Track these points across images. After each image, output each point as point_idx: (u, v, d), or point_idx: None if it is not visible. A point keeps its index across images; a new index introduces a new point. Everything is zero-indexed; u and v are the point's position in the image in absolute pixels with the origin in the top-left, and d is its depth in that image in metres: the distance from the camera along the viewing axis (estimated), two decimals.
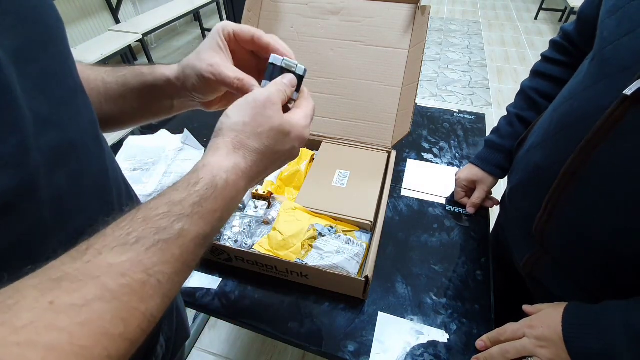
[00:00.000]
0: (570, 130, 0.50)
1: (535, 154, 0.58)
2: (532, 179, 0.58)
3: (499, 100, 2.77)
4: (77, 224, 0.32)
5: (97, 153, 0.35)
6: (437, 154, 0.96)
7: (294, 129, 0.37)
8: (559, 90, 0.61)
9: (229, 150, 0.33)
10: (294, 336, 0.59)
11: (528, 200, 0.59)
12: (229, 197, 0.31)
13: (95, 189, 0.34)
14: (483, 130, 1.05)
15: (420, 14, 0.81)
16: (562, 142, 0.52)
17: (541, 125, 0.60)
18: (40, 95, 0.28)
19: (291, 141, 0.37)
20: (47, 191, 0.28)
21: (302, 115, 0.38)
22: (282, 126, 0.35)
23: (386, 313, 0.62)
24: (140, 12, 3.31)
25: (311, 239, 0.67)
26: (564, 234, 0.52)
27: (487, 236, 0.75)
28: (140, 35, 2.67)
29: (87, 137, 0.33)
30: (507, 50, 3.53)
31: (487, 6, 4.64)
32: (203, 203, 0.29)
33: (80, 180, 0.32)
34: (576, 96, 0.51)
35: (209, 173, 0.31)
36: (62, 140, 0.29)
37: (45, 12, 0.30)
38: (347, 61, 0.87)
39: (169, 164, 0.90)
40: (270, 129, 0.35)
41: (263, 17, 0.91)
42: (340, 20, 0.87)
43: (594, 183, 0.46)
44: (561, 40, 0.68)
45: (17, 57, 0.26)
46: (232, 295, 0.66)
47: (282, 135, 0.36)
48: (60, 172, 0.29)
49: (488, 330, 0.59)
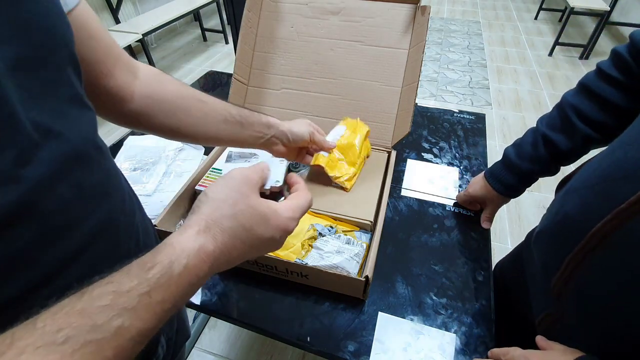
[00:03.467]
0: (614, 185, 0.41)
1: (570, 201, 0.49)
2: (560, 230, 0.50)
3: (499, 100, 2.77)
4: (84, 231, 0.32)
5: (99, 161, 0.35)
6: (437, 154, 0.96)
7: (275, 217, 0.34)
8: (606, 116, 0.54)
9: (200, 229, 0.30)
10: (294, 336, 0.59)
11: (551, 253, 0.52)
12: (185, 283, 0.28)
13: (99, 196, 0.35)
14: (483, 130, 1.05)
15: (420, 14, 0.81)
16: (601, 197, 0.43)
17: (588, 168, 0.51)
18: (40, 105, 0.27)
19: (271, 229, 0.33)
20: (50, 202, 0.28)
21: (289, 206, 0.36)
22: (259, 207, 0.33)
23: (386, 313, 0.62)
24: (140, 12, 3.31)
25: (311, 239, 0.67)
26: (582, 302, 0.45)
27: (487, 236, 0.75)
28: (140, 35, 2.67)
29: (89, 145, 0.33)
30: (507, 50, 3.53)
31: (487, 6, 4.64)
32: (152, 293, 0.25)
33: (84, 189, 0.32)
34: (632, 144, 0.42)
35: (167, 257, 0.27)
36: (64, 150, 0.29)
37: (52, 19, 0.29)
38: (347, 61, 0.87)
39: (169, 164, 0.90)
40: (246, 207, 0.32)
41: (263, 17, 0.91)
42: (340, 20, 0.87)
43: (624, 254, 0.39)
44: (626, 54, 0.52)
45: (17, 67, 0.25)
46: (232, 295, 0.66)
47: (260, 219, 0.33)
48: (64, 183, 0.29)
49: (488, 330, 0.59)
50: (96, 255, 0.33)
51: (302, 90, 0.90)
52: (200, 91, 0.54)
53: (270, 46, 0.91)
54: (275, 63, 0.91)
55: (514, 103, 2.74)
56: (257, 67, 0.92)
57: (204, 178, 0.81)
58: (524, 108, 2.68)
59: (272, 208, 0.34)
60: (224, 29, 3.64)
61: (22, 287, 0.27)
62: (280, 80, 0.91)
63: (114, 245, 0.37)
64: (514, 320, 0.69)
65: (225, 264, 0.32)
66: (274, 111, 0.91)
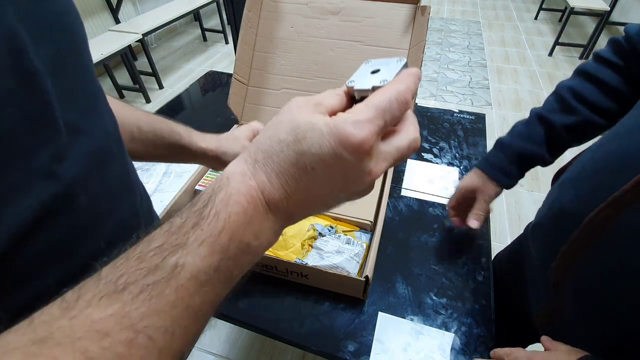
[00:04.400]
0: (608, 175, 0.41)
1: (565, 193, 0.50)
2: (556, 221, 0.50)
3: (499, 100, 2.77)
4: (110, 225, 0.33)
5: (121, 157, 0.36)
6: (437, 154, 0.96)
7: (332, 122, 0.22)
8: (603, 97, 0.53)
9: (246, 158, 0.24)
10: (294, 336, 0.59)
11: (547, 244, 0.52)
12: (236, 214, 0.22)
13: (123, 191, 0.36)
14: (483, 130, 1.05)
15: (420, 14, 0.81)
16: (595, 187, 0.43)
17: (582, 159, 0.51)
18: (70, 103, 0.28)
19: (326, 141, 0.21)
20: (83, 198, 0.29)
21: (363, 106, 0.23)
22: (305, 117, 0.23)
23: (386, 313, 0.62)
24: (140, 12, 3.31)
25: (311, 239, 0.67)
26: (579, 292, 0.46)
27: (487, 236, 0.75)
28: (140, 35, 2.67)
29: (112, 141, 0.34)
30: (507, 50, 3.53)
31: (487, 6, 4.64)
32: (203, 225, 0.22)
33: (110, 184, 0.33)
34: (625, 135, 0.42)
35: (210, 186, 0.24)
36: (92, 147, 0.31)
37: (70, 18, 0.30)
38: (347, 61, 0.86)
39: (169, 164, 0.90)
40: (288, 120, 0.23)
41: (263, 17, 0.91)
42: (340, 20, 0.87)
43: (618, 243, 0.39)
44: (623, 41, 0.54)
45: (53, 66, 0.26)
46: (232, 295, 0.66)
47: (306, 127, 0.22)
48: (93, 178, 0.30)
49: (488, 330, 0.59)
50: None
51: (302, 90, 0.90)
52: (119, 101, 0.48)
53: (270, 46, 0.91)
54: (275, 63, 0.91)
55: (514, 103, 2.74)
56: (257, 67, 0.92)
57: (204, 178, 0.81)
58: (524, 108, 2.68)
59: (325, 116, 0.23)
60: (224, 29, 3.64)
61: (59, 278, 0.28)
62: (280, 80, 0.91)
63: None
64: (513, 314, 0.68)
65: (292, 203, 0.24)
66: (274, 111, 0.91)
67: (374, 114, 0.22)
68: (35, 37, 0.25)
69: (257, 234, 0.23)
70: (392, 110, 0.23)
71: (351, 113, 0.22)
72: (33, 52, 0.24)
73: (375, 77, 0.25)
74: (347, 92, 0.26)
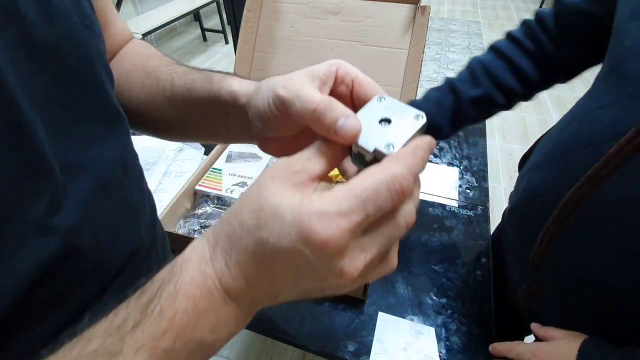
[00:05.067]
0: (577, 154, 0.43)
1: (535, 176, 0.52)
2: (531, 204, 0.52)
3: None
4: (114, 262, 0.31)
5: (126, 184, 0.33)
6: (437, 154, 0.96)
7: (297, 209, 0.18)
8: (509, 76, 0.54)
9: (206, 240, 0.22)
10: (294, 336, 0.59)
11: (525, 227, 0.54)
12: (187, 308, 0.19)
13: (128, 223, 0.33)
14: (483, 130, 1.05)
15: (420, 14, 0.81)
16: (565, 168, 0.45)
17: (545, 144, 0.53)
18: (69, 137, 0.26)
19: (286, 231, 0.18)
20: (84, 243, 0.27)
21: (337, 191, 0.18)
22: (273, 197, 0.19)
23: (386, 313, 0.62)
24: (140, 12, 3.31)
25: None
26: (561, 271, 0.47)
27: (487, 236, 0.75)
28: (140, 35, 2.67)
29: (117, 169, 0.31)
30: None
31: (487, 6, 4.64)
32: (144, 324, 0.19)
33: (114, 220, 0.30)
34: (587, 115, 0.44)
35: (160, 276, 0.21)
36: (93, 181, 0.27)
37: (83, 37, 0.27)
38: (347, 61, 0.86)
39: (169, 164, 0.90)
40: (256, 198, 0.20)
41: (263, 17, 0.91)
42: (340, 20, 0.87)
43: (597, 218, 0.41)
44: (536, 26, 0.54)
45: (49, 98, 0.24)
46: None
47: (270, 212, 0.19)
48: (95, 219, 0.28)
49: (488, 330, 0.59)
50: (126, 282, 0.32)
51: None
52: (160, 54, 0.40)
53: (270, 46, 0.91)
54: (275, 63, 0.91)
55: None
56: (257, 67, 0.92)
57: (204, 178, 0.81)
58: (524, 108, 2.68)
59: (295, 197, 0.19)
60: (224, 29, 3.64)
61: (58, 321, 0.26)
62: None
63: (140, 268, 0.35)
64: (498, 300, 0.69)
65: (255, 291, 0.21)
66: None
67: (351, 206, 0.17)
68: (28, 72, 0.22)
69: (214, 327, 0.20)
70: (379, 202, 0.18)
71: (325, 198, 0.18)
72: (22, 93, 0.21)
73: (382, 132, 0.21)
74: (344, 137, 0.21)
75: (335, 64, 0.26)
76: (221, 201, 0.79)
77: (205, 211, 0.77)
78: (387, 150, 0.20)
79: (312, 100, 0.22)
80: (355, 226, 0.18)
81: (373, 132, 0.21)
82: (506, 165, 2.11)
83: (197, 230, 0.72)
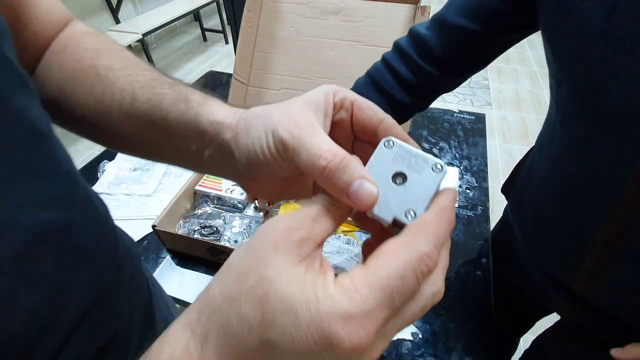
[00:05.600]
0: (591, 190, 0.42)
1: (545, 208, 0.50)
2: (553, 235, 0.50)
3: (499, 100, 2.77)
4: (73, 309, 0.23)
5: (69, 231, 0.24)
6: (437, 154, 0.96)
7: (314, 306, 0.15)
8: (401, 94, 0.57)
9: (187, 322, 0.18)
10: None
11: (555, 259, 0.51)
12: None
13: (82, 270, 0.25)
14: (483, 130, 1.05)
15: (420, 14, 0.81)
16: (582, 200, 0.43)
17: (542, 177, 0.51)
18: None
19: (303, 334, 0.15)
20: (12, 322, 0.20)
21: (360, 278, 0.16)
22: (282, 284, 0.16)
23: None
24: (140, 12, 3.31)
25: None
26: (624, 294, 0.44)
27: (487, 236, 0.75)
28: (140, 35, 2.67)
29: (60, 208, 0.24)
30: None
31: None
32: None
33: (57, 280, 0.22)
34: (576, 158, 0.42)
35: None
36: (21, 243, 0.20)
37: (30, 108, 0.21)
38: (347, 61, 0.86)
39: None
40: (257, 284, 0.16)
41: (263, 17, 0.91)
42: (340, 20, 0.87)
43: None
44: (408, 47, 0.57)
45: None
46: None
47: (280, 308, 0.15)
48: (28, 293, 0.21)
49: (488, 330, 0.59)
50: (96, 320, 0.26)
51: (302, 90, 0.90)
52: (112, 45, 0.32)
53: (270, 46, 0.91)
54: (275, 63, 0.91)
55: (514, 103, 2.74)
56: (257, 67, 0.92)
57: (203, 178, 0.81)
58: (524, 108, 2.68)
59: (307, 283, 0.16)
60: (224, 29, 3.64)
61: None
62: (280, 80, 0.91)
63: (113, 306, 0.29)
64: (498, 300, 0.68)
65: None
66: None
67: (378, 303, 0.15)
68: None
69: None
70: (406, 289, 0.15)
71: (346, 294, 0.15)
72: None
73: (399, 194, 0.19)
74: (358, 204, 0.18)
75: (331, 91, 0.23)
76: (221, 201, 0.79)
77: (205, 211, 0.77)
78: (408, 220, 0.18)
79: (321, 155, 0.19)
80: (382, 324, 0.15)
81: (389, 194, 0.19)
82: (506, 165, 2.11)
83: (197, 230, 0.72)
